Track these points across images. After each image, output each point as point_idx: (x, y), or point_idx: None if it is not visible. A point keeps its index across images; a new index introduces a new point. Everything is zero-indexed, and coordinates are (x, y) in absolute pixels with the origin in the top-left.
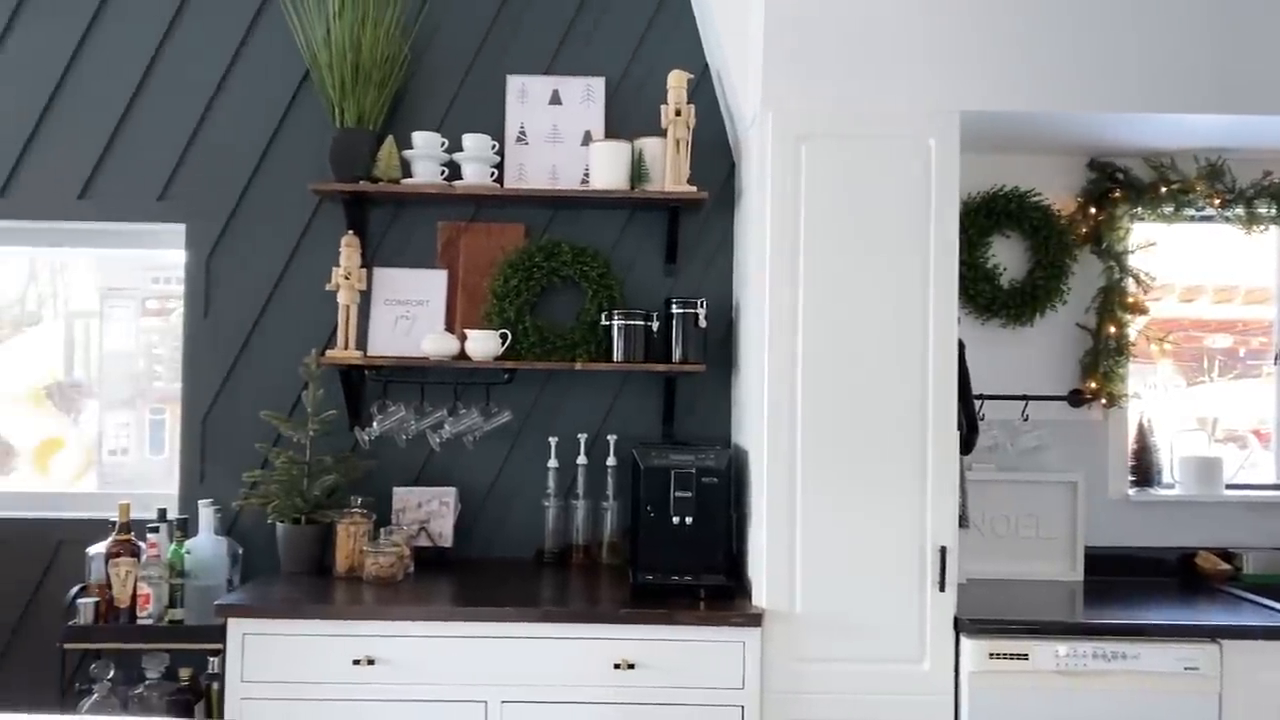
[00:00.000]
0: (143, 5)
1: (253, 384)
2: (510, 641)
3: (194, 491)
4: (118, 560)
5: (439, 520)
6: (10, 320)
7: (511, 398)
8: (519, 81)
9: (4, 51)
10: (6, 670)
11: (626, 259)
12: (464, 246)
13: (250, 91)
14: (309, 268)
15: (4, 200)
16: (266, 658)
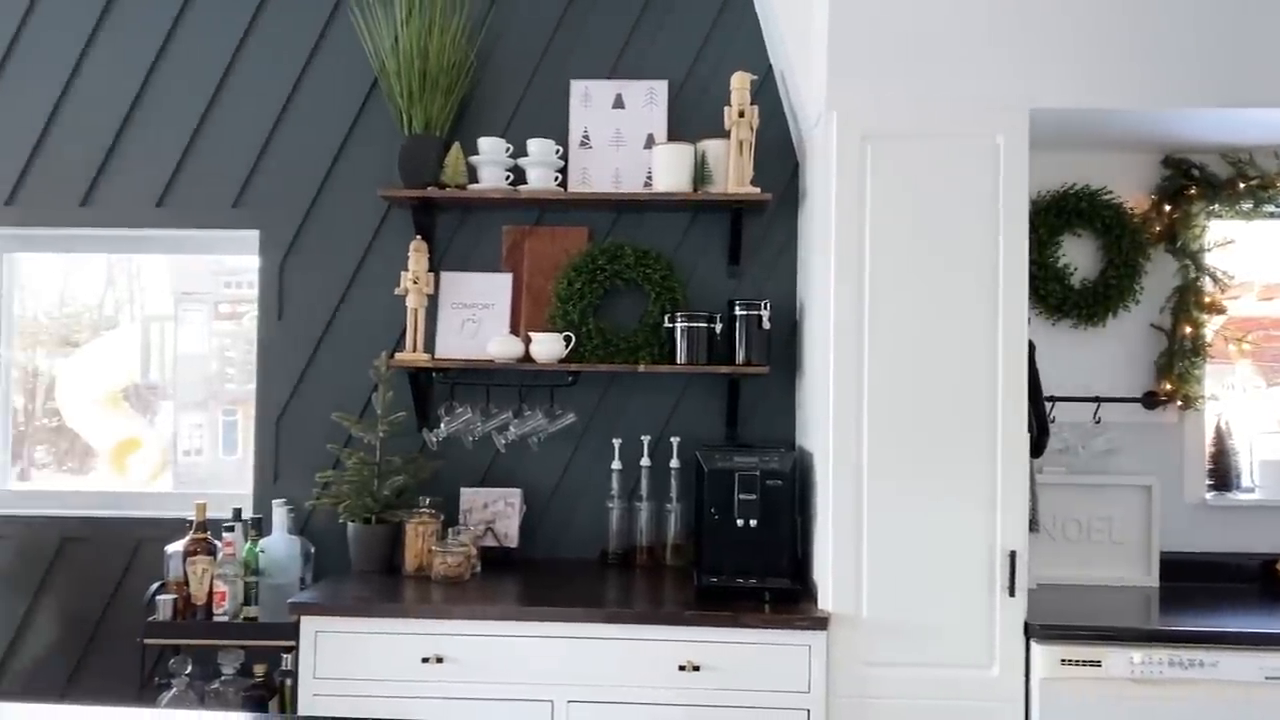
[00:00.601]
0: (217, 19)
1: (324, 386)
2: (576, 642)
3: (268, 491)
4: (195, 558)
5: (505, 520)
6: (89, 324)
7: (575, 399)
8: (582, 86)
9: (84, 66)
10: (90, 664)
11: (689, 261)
12: (528, 250)
13: (321, 100)
14: (378, 272)
15: (86, 209)
16: (338, 655)
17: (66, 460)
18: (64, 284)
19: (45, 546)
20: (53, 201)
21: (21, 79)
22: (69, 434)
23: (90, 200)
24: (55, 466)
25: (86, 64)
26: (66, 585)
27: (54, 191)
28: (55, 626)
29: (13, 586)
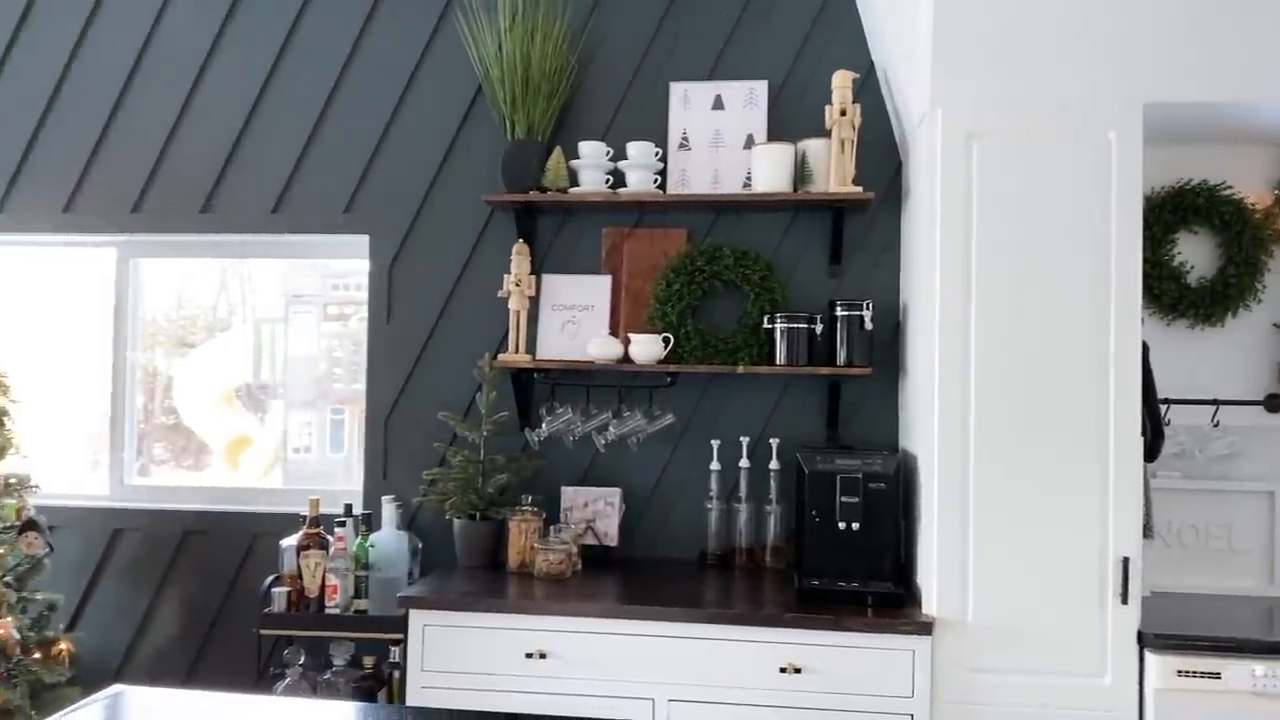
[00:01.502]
0: (328, 32)
1: (430, 386)
2: (676, 641)
3: (377, 488)
4: (308, 552)
5: (605, 519)
6: (204, 326)
7: (674, 400)
8: (682, 88)
9: (203, 80)
10: (209, 653)
11: (789, 261)
12: (627, 252)
13: (427, 107)
14: (482, 275)
15: (206, 215)
16: (445, 648)
17: (183, 457)
18: (181, 288)
19: (168, 539)
20: (174, 209)
21: (146, 92)
22: (185, 431)
23: (209, 207)
24: (173, 463)
25: (206, 77)
26: (187, 577)
27: (176, 199)
28: (177, 616)
29: (138, 577)
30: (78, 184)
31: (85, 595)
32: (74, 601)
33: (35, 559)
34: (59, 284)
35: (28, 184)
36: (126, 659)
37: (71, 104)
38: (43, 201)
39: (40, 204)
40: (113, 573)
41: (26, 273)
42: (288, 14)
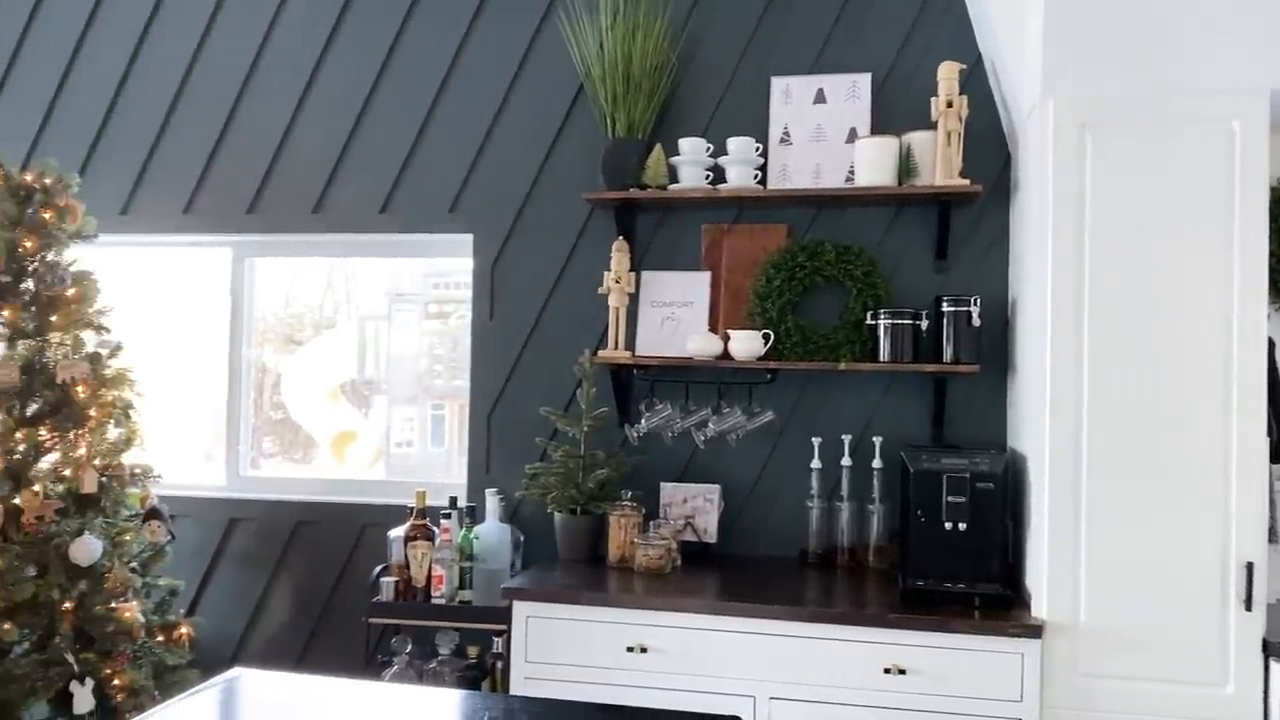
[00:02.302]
0: (433, 35)
1: (531, 382)
2: (778, 639)
3: (480, 481)
4: (415, 543)
5: (704, 516)
6: (311, 324)
7: (774, 397)
8: (783, 83)
9: (315, 86)
10: (320, 639)
11: (893, 256)
12: (727, 248)
13: (529, 108)
14: (582, 272)
15: (317, 216)
16: (547, 639)
17: (292, 450)
18: (288, 286)
19: (281, 529)
20: (287, 210)
21: (261, 98)
22: (293, 426)
23: (320, 208)
24: (281, 456)
25: (317, 82)
26: (299, 565)
27: (288, 201)
28: (289, 603)
29: (253, 565)
30: (196, 187)
31: (204, 582)
32: (193, 587)
33: (158, 546)
34: (178, 283)
35: (150, 187)
36: (242, 643)
37: (191, 111)
38: (164, 204)
39: (162, 206)
40: (229, 560)
41: (148, 272)
42: (394, 19)
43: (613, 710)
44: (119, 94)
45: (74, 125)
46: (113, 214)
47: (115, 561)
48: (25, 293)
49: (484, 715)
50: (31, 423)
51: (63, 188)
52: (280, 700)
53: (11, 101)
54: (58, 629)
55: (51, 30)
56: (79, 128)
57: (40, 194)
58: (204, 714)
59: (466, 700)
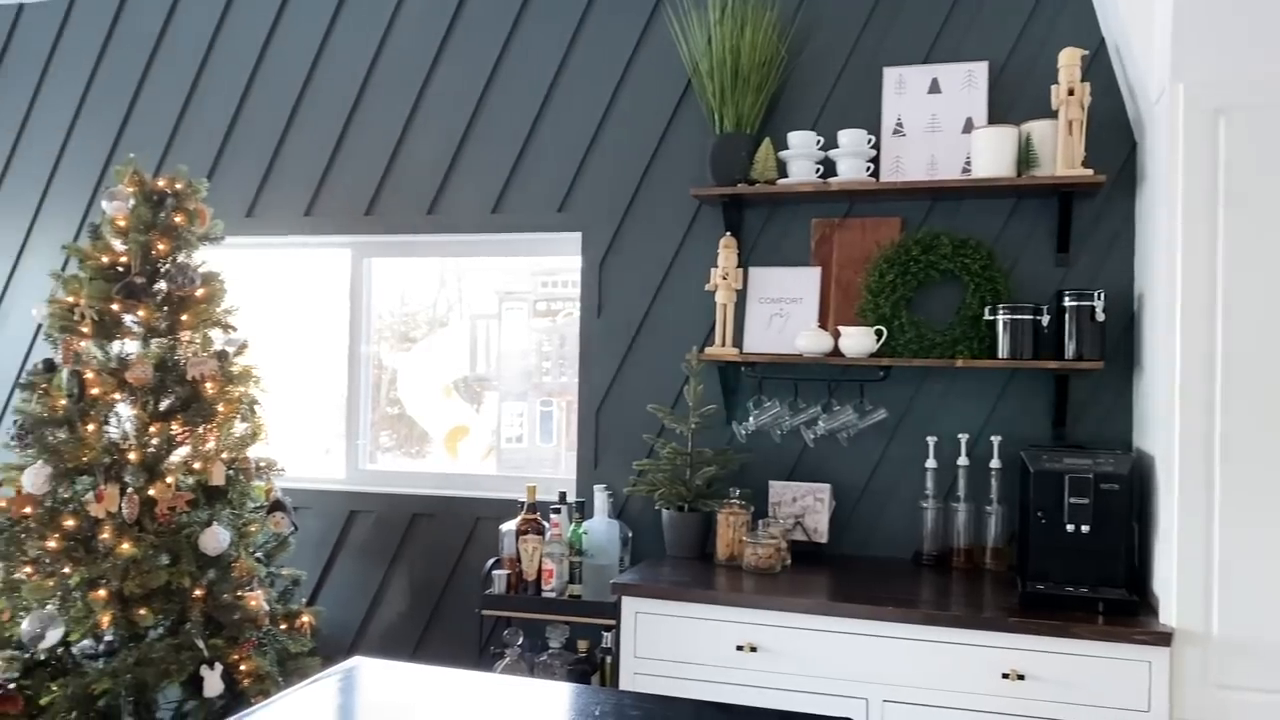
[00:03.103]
0: (543, 35)
1: (639, 379)
2: (891, 641)
3: (589, 477)
4: (526, 537)
5: (814, 515)
6: (425, 322)
7: (887, 395)
8: (896, 73)
9: (428, 90)
10: (434, 629)
11: (1012, 250)
12: (838, 243)
13: (637, 105)
14: (689, 269)
15: (431, 217)
16: (656, 635)
17: (407, 445)
18: (404, 286)
19: (398, 521)
20: (403, 211)
21: (377, 103)
22: (408, 421)
23: (435, 209)
24: (397, 451)
25: (430, 86)
26: (415, 557)
27: (404, 202)
28: (406, 594)
29: (371, 557)
30: (317, 190)
31: (324, 572)
32: (314, 578)
33: (282, 537)
34: (300, 282)
35: (274, 191)
36: (361, 632)
37: (311, 117)
38: (286, 207)
39: (284, 209)
40: (349, 551)
41: (272, 272)
42: (505, 22)
43: (722, 708)
44: (243, 103)
45: (202, 133)
46: (239, 217)
47: (242, 551)
48: (158, 293)
49: (594, 710)
50: (164, 418)
51: (192, 192)
52: (396, 689)
53: (144, 112)
54: (189, 615)
55: (180, 44)
56: (207, 135)
57: (172, 199)
58: (324, 701)
59: (577, 694)
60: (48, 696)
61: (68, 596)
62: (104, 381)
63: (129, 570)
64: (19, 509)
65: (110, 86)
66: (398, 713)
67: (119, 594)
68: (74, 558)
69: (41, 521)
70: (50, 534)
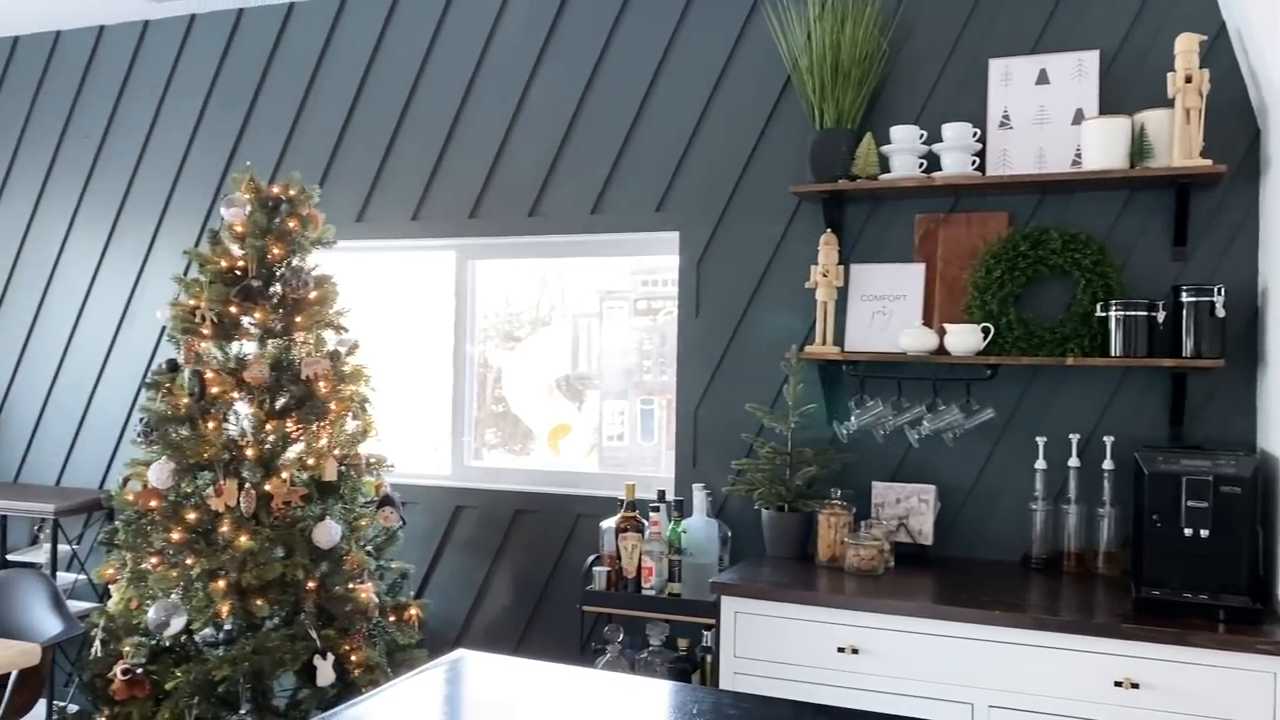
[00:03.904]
0: (642, 36)
1: (738, 378)
2: (998, 645)
3: (688, 475)
4: (626, 535)
5: (918, 517)
6: (528, 322)
7: (994, 394)
8: (1002, 64)
9: (530, 94)
10: (537, 624)
11: (1125, 244)
12: (942, 238)
13: (735, 103)
14: (789, 266)
15: (533, 218)
16: (756, 635)
17: (511, 442)
18: (508, 286)
19: (501, 517)
20: (506, 213)
21: (480, 108)
22: (512, 418)
23: (536, 211)
24: (501, 448)
25: (532, 90)
26: (518, 552)
27: (507, 205)
28: (509, 589)
29: (476, 551)
30: (423, 194)
31: (431, 566)
32: (422, 571)
33: (391, 531)
34: (407, 284)
35: (382, 196)
36: (466, 626)
37: (417, 124)
38: (394, 211)
39: (392, 213)
40: (454, 546)
41: (380, 274)
42: (604, 24)
43: (821, 710)
44: (353, 112)
45: (314, 141)
46: (349, 221)
47: (353, 545)
48: (274, 296)
49: (693, 708)
50: (279, 415)
51: (305, 198)
52: (500, 682)
53: (260, 123)
54: (303, 606)
55: (291, 58)
56: (318, 144)
57: (286, 204)
58: (430, 692)
59: (676, 692)
60: (172, 681)
61: (190, 586)
62: (223, 381)
63: (246, 562)
64: (145, 502)
65: (227, 99)
66: (501, 705)
67: (237, 585)
68: (195, 549)
69: (166, 514)
70: (174, 526)
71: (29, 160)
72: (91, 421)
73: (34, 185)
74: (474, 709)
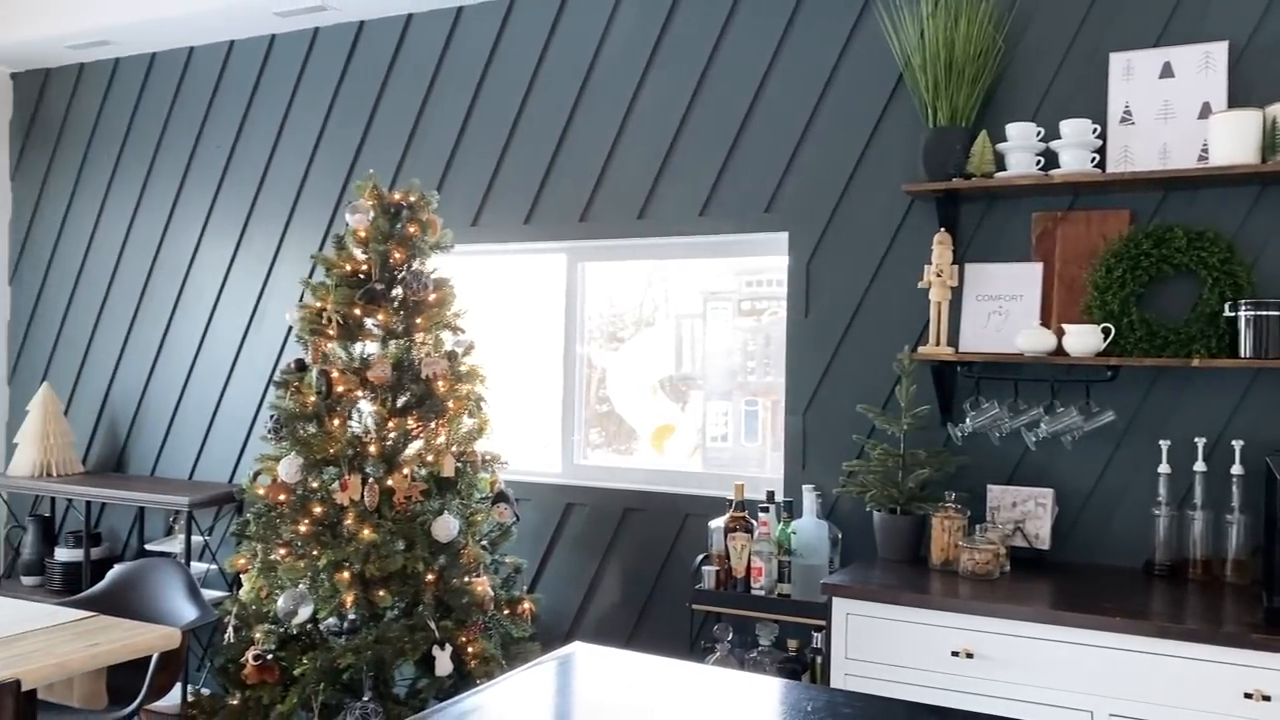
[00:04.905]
0: (749, 39)
1: (848, 379)
2: (1119, 653)
3: (796, 477)
4: (735, 535)
5: (1035, 521)
6: (632, 322)
7: (1115, 396)
8: (1123, 58)
9: (640, 98)
10: (646, 621)
11: (1255, 242)
12: (1060, 237)
13: (846, 103)
14: (901, 266)
15: (641, 220)
16: (867, 638)
17: (615, 441)
18: (612, 287)
19: (610, 515)
20: (615, 216)
21: (591, 113)
22: (616, 418)
23: (645, 213)
24: (606, 447)
25: (642, 93)
26: (627, 550)
27: (616, 207)
28: (618, 585)
29: (586, 548)
30: (535, 198)
31: (542, 561)
32: (533, 566)
33: (505, 527)
34: (517, 286)
35: (496, 201)
36: (576, 621)
37: (529, 130)
38: (507, 215)
39: (505, 218)
40: (565, 543)
41: (493, 277)
42: (713, 26)
43: (937, 712)
44: (468, 119)
45: (431, 149)
46: (464, 226)
47: (469, 539)
48: (395, 298)
49: (806, 705)
50: (401, 413)
51: (425, 204)
52: (615, 675)
53: (380, 130)
54: (422, 598)
55: (410, 67)
56: (435, 151)
57: (407, 210)
58: (546, 683)
59: (790, 690)
60: (299, 668)
61: (316, 577)
62: (348, 380)
63: (370, 554)
64: (275, 496)
65: (349, 109)
66: (617, 697)
67: (360, 576)
68: (322, 541)
69: (294, 508)
70: (301, 519)
71: (165, 170)
72: (222, 418)
73: (169, 194)
74: (590, 701)
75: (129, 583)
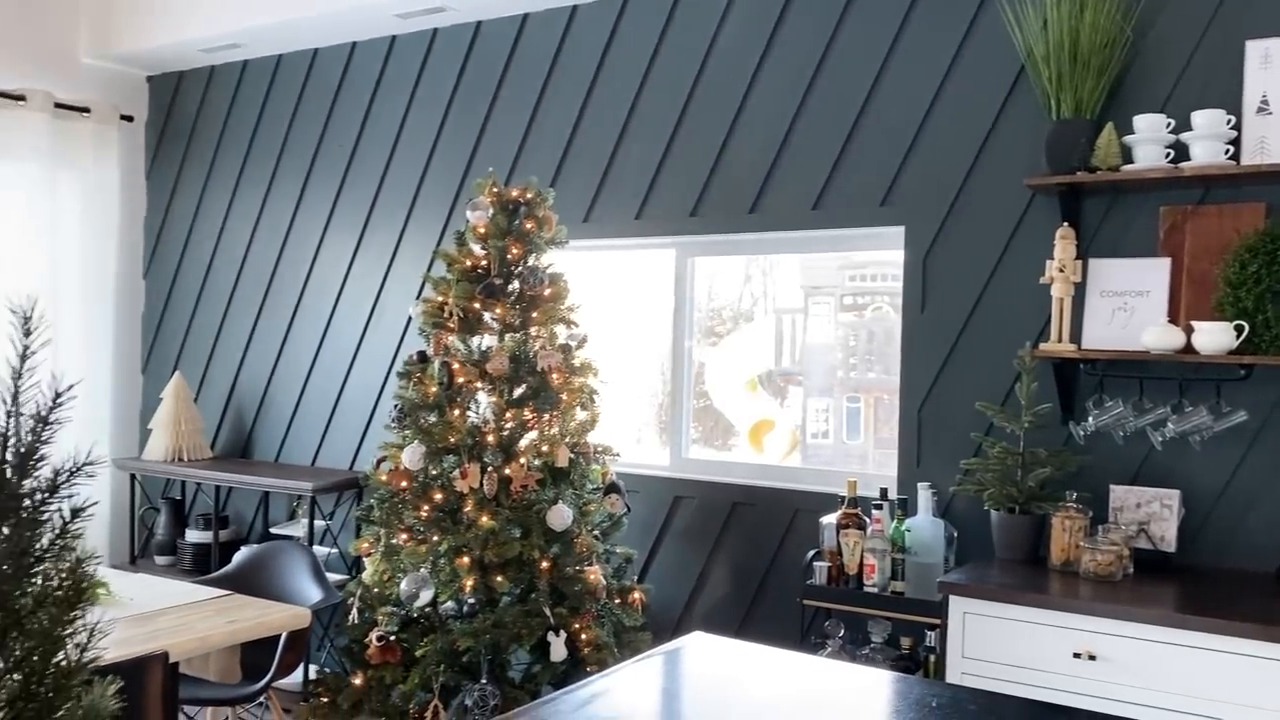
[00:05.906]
0: (866, 32)
1: (965, 375)
2: (1249, 660)
3: (911, 474)
4: (847, 531)
5: (1160, 523)
6: (731, 317)
7: (1248, 396)
8: (1261, 46)
9: (753, 92)
10: (755, 614)
11: None
12: (1190, 231)
13: (966, 94)
14: (1021, 261)
15: (754, 215)
16: (984, 637)
17: (712, 437)
18: (711, 282)
19: (719, 508)
20: (726, 211)
21: (703, 108)
22: (714, 413)
23: (756, 208)
24: (702, 442)
25: (755, 88)
26: (735, 544)
27: (727, 202)
28: (727, 578)
29: (694, 540)
30: (646, 194)
31: (652, 552)
32: (643, 557)
33: (616, 518)
34: (626, 280)
35: (607, 197)
36: (686, 612)
37: (641, 127)
38: (618, 211)
39: (617, 213)
40: (673, 535)
41: (604, 271)
42: (830, 18)
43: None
44: (581, 116)
45: (545, 146)
46: (577, 221)
47: (582, 529)
48: (512, 293)
49: (931, 701)
50: (517, 404)
51: (541, 201)
52: (735, 664)
53: (496, 128)
54: (537, 585)
55: (525, 66)
56: (549, 147)
57: (524, 207)
58: (670, 669)
59: (912, 685)
60: (420, 649)
61: (437, 562)
62: (467, 371)
63: (488, 541)
64: (397, 482)
65: (466, 108)
66: (740, 685)
67: (479, 562)
68: (442, 527)
69: (416, 494)
70: (422, 505)
71: (290, 168)
72: (343, 407)
73: (294, 191)
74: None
75: (257, 564)
